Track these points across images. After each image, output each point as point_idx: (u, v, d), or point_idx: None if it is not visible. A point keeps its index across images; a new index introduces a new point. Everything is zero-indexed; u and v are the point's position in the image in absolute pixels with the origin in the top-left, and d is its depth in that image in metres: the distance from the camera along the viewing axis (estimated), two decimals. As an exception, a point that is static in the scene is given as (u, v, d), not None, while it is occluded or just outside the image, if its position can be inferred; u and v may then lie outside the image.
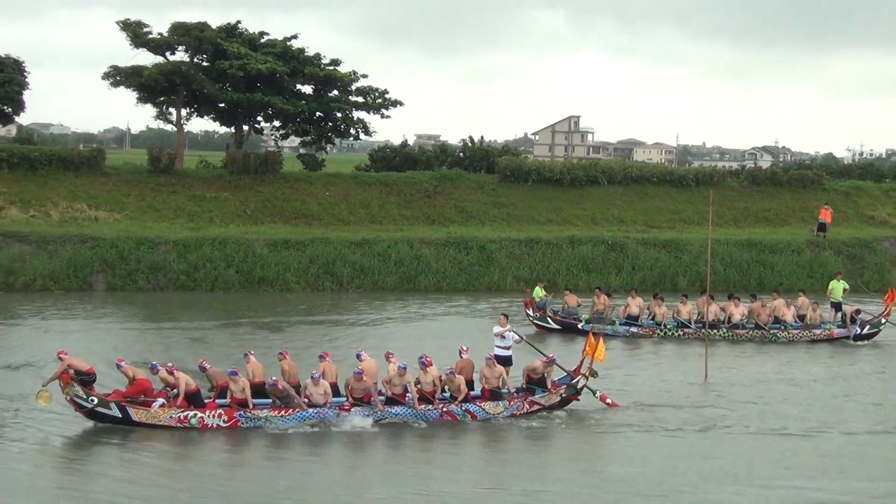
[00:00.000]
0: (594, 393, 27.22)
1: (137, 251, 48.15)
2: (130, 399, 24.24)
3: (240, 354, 27.22)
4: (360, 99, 64.51)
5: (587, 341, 27.24)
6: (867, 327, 39.39)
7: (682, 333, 38.73)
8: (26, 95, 63.70)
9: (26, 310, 41.39)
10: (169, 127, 66.49)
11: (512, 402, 26.50)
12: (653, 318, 39.52)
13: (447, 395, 26.35)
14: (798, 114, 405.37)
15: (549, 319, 39.59)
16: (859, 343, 38.97)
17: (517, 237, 54.27)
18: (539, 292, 40.56)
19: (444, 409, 25.75)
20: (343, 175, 63.05)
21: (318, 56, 63.79)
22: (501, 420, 26.07)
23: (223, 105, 62.67)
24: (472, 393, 26.46)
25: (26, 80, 63.75)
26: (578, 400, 27.21)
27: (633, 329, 39.12)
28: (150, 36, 61.51)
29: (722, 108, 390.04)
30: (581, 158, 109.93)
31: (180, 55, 62.27)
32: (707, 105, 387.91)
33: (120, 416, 23.92)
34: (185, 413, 24.20)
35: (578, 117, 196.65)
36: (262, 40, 63.26)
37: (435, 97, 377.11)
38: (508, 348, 28.63)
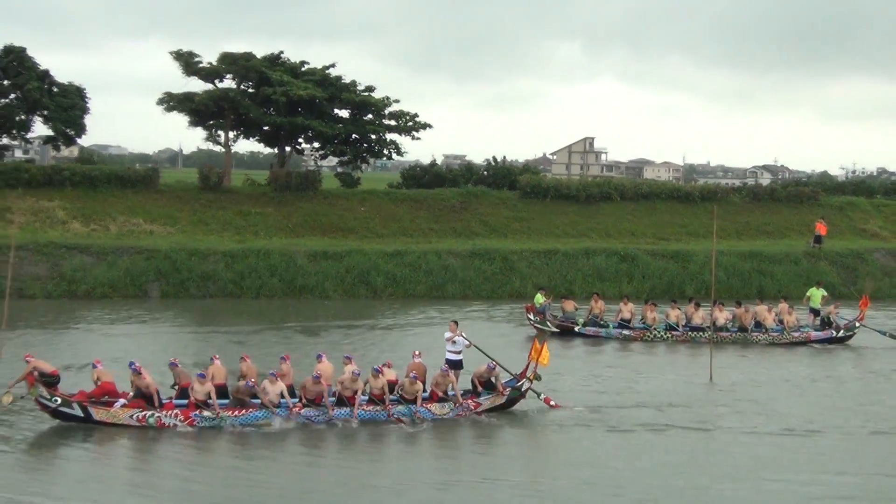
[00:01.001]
0: (538, 395, 26.80)
1: (189, 262, 48.35)
2: (94, 399, 23.96)
3: (280, 356, 27.07)
4: (393, 122, 64.66)
5: (532, 346, 26.73)
6: (842, 331, 39.49)
7: (670, 336, 38.87)
8: (87, 119, 63.83)
9: (88, 315, 41.58)
10: (218, 148, 66.71)
11: (458, 405, 26.01)
12: (643, 322, 39.68)
13: (396, 397, 25.79)
14: (795, 135, 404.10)
15: (548, 323, 39.63)
16: (835, 345, 39.03)
17: (537, 248, 54.30)
18: (539, 298, 40.64)
19: (392, 412, 25.22)
20: (377, 192, 63.42)
21: (354, 83, 63.96)
22: (448, 420, 25.54)
23: (267, 128, 62.86)
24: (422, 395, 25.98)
25: (88, 105, 63.92)
26: (525, 398, 26.83)
27: (626, 332, 39.24)
28: (201, 65, 61.81)
29: (725, 129, 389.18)
30: (595, 176, 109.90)
31: (228, 82, 62.53)
32: (712, 127, 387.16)
33: (82, 415, 23.67)
34: (144, 413, 23.83)
35: (593, 138, 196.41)
36: (303, 69, 63.44)
37: (461, 120, 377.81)
38: (459, 353, 27.90)
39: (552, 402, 26.78)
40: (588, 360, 35.36)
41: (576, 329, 39.51)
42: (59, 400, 23.61)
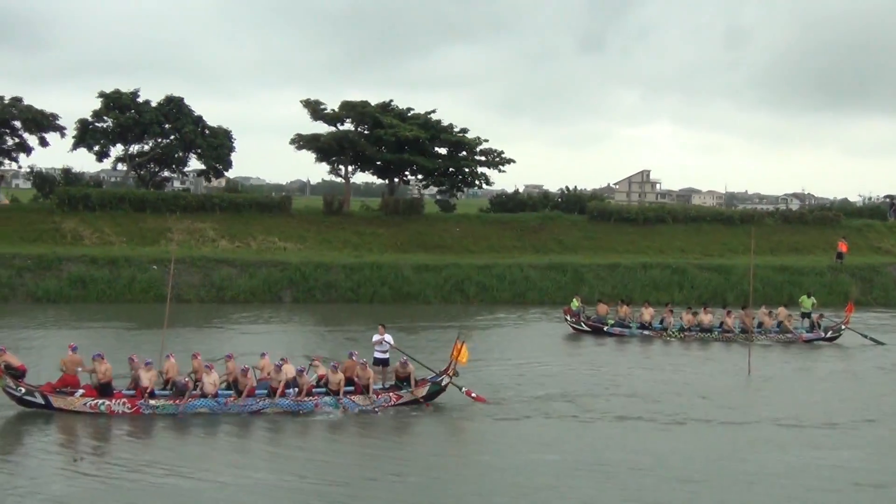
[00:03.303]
0: (460, 389, 25.44)
1: (315, 273, 48.68)
2: (58, 390, 23.21)
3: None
4: (483, 158, 64.62)
5: (454, 346, 25.44)
6: (830, 332, 39.04)
7: (683, 336, 38.61)
8: (233, 156, 65.04)
9: (232, 317, 42.11)
10: (339, 179, 67.40)
11: (380, 396, 24.74)
12: (661, 324, 39.38)
13: (323, 389, 24.61)
14: (821, 167, 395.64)
15: (582, 324, 39.55)
16: (824, 344, 38.54)
17: (602, 263, 53.89)
18: (575, 303, 40.68)
19: (317, 402, 24.07)
20: (469, 216, 63.52)
21: (451, 125, 64.08)
22: (370, 410, 24.26)
23: (380, 163, 63.17)
24: (348, 388, 24.73)
25: (233, 144, 64.98)
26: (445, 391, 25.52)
27: (646, 332, 38.97)
28: (326, 111, 62.46)
29: (761, 163, 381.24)
30: (651, 203, 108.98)
31: (348, 125, 62.95)
32: (750, 161, 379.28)
33: (43, 402, 22.93)
34: (96, 401, 22.97)
35: (649, 171, 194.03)
36: (409, 114, 63.68)
37: (540, 156, 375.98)
38: (386, 352, 26.68)
39: (473, 395, 25.52)
40: (615, 356, 34.94)
41: (605, 329, 39.22)
42: (23, 390, 22.97)
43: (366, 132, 62.40)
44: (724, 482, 19.12)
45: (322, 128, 63.23)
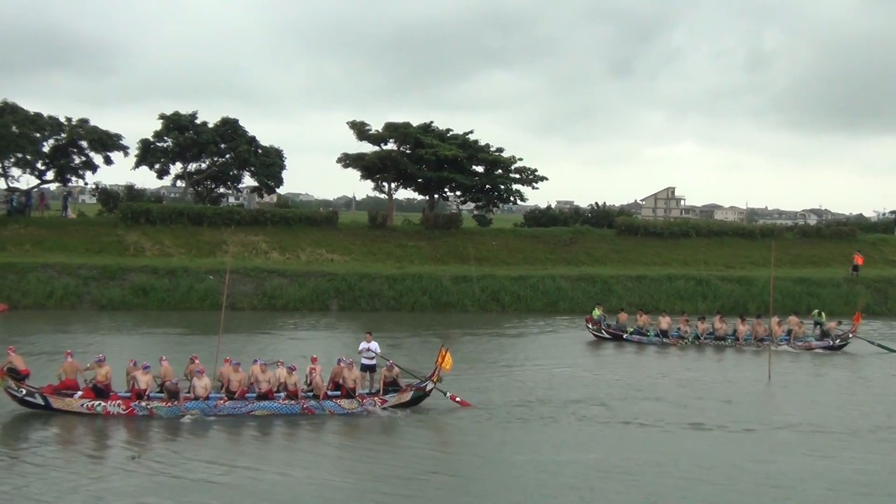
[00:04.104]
0: (444, 394, 25.29)
1: (360, 283, 48.71)
2: (58, 392, 23.26)
3: (422, 354, 26.58)
4: (517, 175, 64.30)
5: (439, 353, 25.25)
6: (838, 340, 38.77)
7: (698, 343, 38.52)
8: (284, 174, 64.71)
9: (283, 324, 42.30)
10: (382, 196, 67.40)
11: (364, 400, 24.53)
12: (678, 331, 39.23)
13: (310, 393, 24.49)
14: (838, 185, 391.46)
15: (603, 331, 39.55)
16: (834, 352, 38.22)
17: (630, 274, 53.62)
18: (596, 312, 40.61)
19: (305, 405, 23.94)
20: (505, 230, 63.39)
21: (487, 145, 63.89)
22: (358, 413, 24.09)
23: (420, 180, 63.12)
24: (335, 393, 24.62)
25: (284, 163, 64.91)
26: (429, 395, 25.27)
27: (664, 339, 38.85)
28: (370, 132, 62.46)
29: (781, 180, 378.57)
30: (675, 218, 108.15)
31: (391, 145, 62.94)
32: (770, 178, 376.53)
33: (43, 403, 22.96)
34: (93, 402, 22.96)
35: (674, 188, 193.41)
36: (448, 134, 63.58)
37: (571, 173, 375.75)
38: (372, 359, 26.49)
39: (458, 399, 25.32)
40: (635, 362, 34.67)
41: (624, 337, 39.23)
42: (24, 391, 23.01)
43: (408, 151, 62.42)
44: (748, 486, 18.80)
45: (367, 147, 63.34)
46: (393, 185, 64.31)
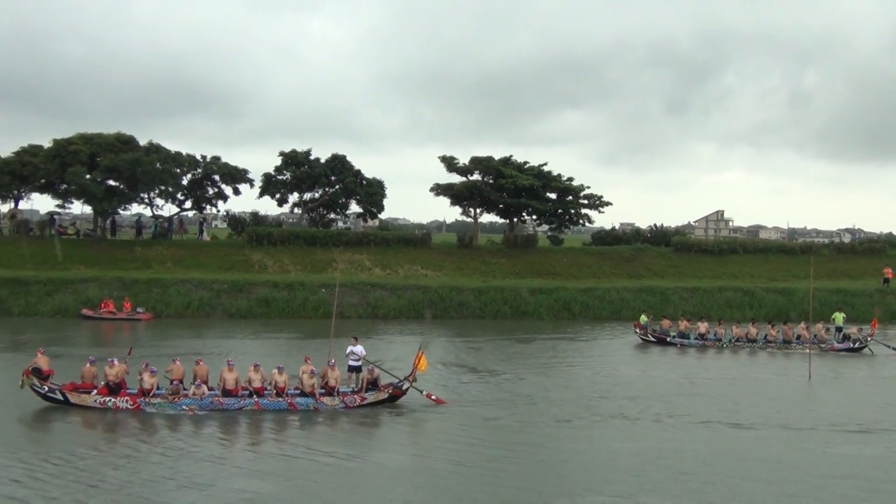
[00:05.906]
0: (421, 392, 24.49)
1: (450, 295, 48.98)
2: (77, 389, 23.11)
3: (494, 353, 26.25)
4: (585, 201, 63.79)
5: (416, 355, 24.41)
6: (857, 343, 38.02)
7: (734, 346, 38.04)
8: (385, 201, 65.24)
9: (384, 330, 42.56)
10: (469, 219, 67.54)
11: (346, 398, 23.78)
12: (715, 335, 38.80)
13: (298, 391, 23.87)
14: (870, 207, 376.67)
15: (649, 335, 39.16)
16: (852, 354, 37.27)
17: (685, 286, 53.12)
18: (643, 318, 40.50)
19: (291, 401, 23.27)
20: (575, 248, 63.22)
21: (559, 175, 63.59)
22: (338, 410, 23.32)
23: (502, 206, 63.03)
24: (319, 391, 23.90)
25: (385, 191, 65.54)
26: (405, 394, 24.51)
27: (703, 342, 38.43)
28: (458, 165, 62.75)
29: (819, 203, 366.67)
30: (725, 237, 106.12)
31: (476, 176, 63.13)
32: (809, 201, 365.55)
33: (62, 399, 22.80)
34: (104, 398, 22.73)
35: (723, 211, 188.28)
36: (526, 166, 63.35)
37: (633, 199, 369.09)
38: (359, 361, 25.88)
39: (433, 397, 24.56)
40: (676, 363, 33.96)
41: (668, 340, 38.75)
42: (46, 388, 22.92)
43: (490, 181, 62.51)
44: (803, 481, 17.87)
45: (455, 178, 63.62)
46: (478, 210, 64.45)
